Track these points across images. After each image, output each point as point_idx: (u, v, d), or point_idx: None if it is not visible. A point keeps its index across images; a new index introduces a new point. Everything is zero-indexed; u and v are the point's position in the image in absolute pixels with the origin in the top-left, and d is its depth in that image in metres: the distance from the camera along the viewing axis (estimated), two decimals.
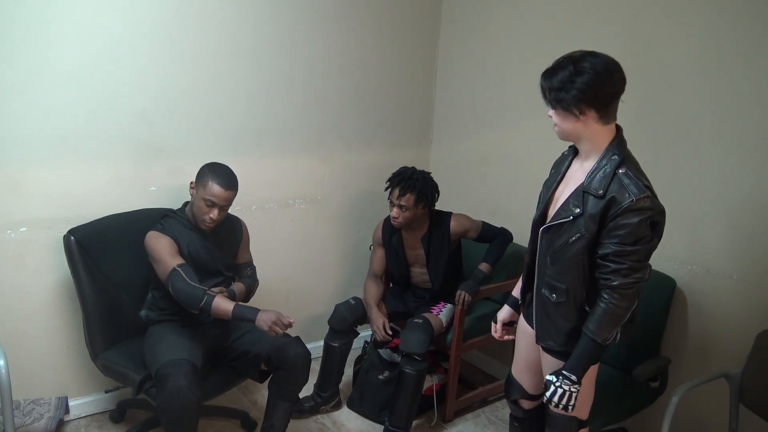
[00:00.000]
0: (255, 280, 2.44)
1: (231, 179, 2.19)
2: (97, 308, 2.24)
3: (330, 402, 2.73)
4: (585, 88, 1.50)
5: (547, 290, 1.69)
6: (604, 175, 1.55)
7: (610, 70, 1.54)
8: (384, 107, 3.16)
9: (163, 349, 2.05)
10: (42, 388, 2.41)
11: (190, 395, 1.90)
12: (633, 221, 1.50)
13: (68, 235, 2.21)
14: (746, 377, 1.99)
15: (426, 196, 2.56)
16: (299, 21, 2.75)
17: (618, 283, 1.53)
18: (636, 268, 1.53)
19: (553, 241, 1.65)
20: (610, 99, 1.55)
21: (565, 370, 1.62)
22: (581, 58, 1.54)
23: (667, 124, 2.31)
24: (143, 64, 2.39)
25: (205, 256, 2.24)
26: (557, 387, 1.62)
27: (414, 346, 2.43)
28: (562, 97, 1.53)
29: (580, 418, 1.77)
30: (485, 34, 3.01)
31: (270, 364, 2.19)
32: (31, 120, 2.20)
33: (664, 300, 2.25)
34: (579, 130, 1.58)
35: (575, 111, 1.54)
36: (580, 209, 1.57)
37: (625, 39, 2.40)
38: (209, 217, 2.15)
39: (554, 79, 1.55)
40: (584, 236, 1.56)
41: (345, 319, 2.65)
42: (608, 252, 1.53)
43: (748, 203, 2.11)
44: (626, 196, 1.50)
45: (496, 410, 2.82)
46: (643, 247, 1.53)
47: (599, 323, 1.57)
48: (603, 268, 1.56)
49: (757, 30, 2.04)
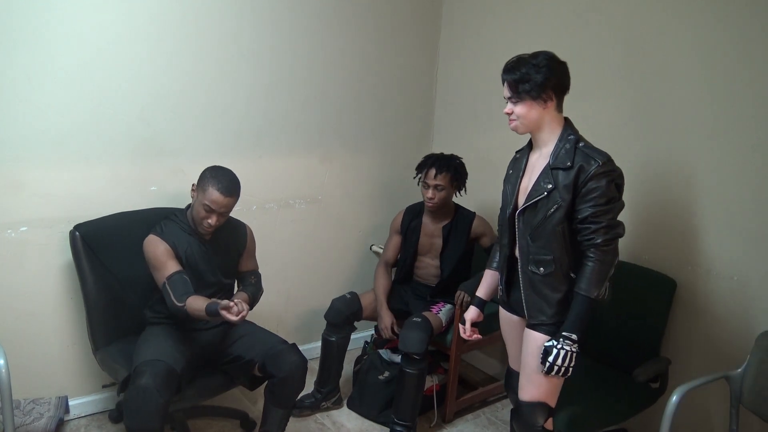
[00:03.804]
0: (259, 288, 2.39)
1: (232, 186, 2.14)
2: (100, 303, 2.25)
3: (330, 398, 2.73)
4: (550, 74, 1.72)
5: (533, 266, 1.80)
6: (567, 150, 1.73)
7: (561, 61, 1.77)
8: (384, 107, 3.16)
9: (146, 349, 2.03)
10: (42, 387, 2.41)
11: (156, 397, 1.84)
12: (602, 183, 1.67)
13: (74, 230, 2.23)
14: (746, 378, 1.99)
15: (461, 175, 2.65)
16: (299, 21, 2.76)
17: (600, 240, 1.68)
18: (612, 225, 1.70)
19: (529, 221, 1.79)
20: (567, 85, 1.78)
21: (564, 332, 1.73)
22: (535, 55, 1.76)
23: (666, 124, 2.30)
24: (143, 63, 2.39)
25: (203, 263, 2.21)
26: (559, 349, 1.72)
27: (413, 346, 2.43)
28: (532, 85, 1.72)
29: (550, 404, 1.84)
30: (485, 34, 3.02)
31: (264, 371, 2.16)
32: (31, 120, 2.20)
33: (665, 301, 2.25)
34: (542, 118, 1.77)
35: (543, 96, 1.73)
36: (552, 184, 1.73)
37: (625, 39, 2.40)
38: (207, 223, 2.12)
39: (519, 71, 1.74)
40: (562, 206, 1.72)
41: (340, 313, 2.67)
42: (587, 215, 1.69)
43: (750, 203, 2.10)
44: (592, 162, 1.69)
45: (497, 411, 2.81)
46: (615, 206, 1.71)
47: (589, 280, 1.70)
48: (584, 231, 1.71)
49: (757, 30, 2.03)
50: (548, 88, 1.73)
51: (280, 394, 2.16)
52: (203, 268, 2.21)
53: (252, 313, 2.41)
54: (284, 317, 3.08)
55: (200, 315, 1.97)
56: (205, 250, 2.22)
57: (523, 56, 1.77)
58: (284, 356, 2.13)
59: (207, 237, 2.22)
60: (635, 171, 2.38)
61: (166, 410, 1.89)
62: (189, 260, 2.17)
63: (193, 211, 2.17)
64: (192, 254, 2.18)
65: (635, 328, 2.29)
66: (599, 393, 2.20)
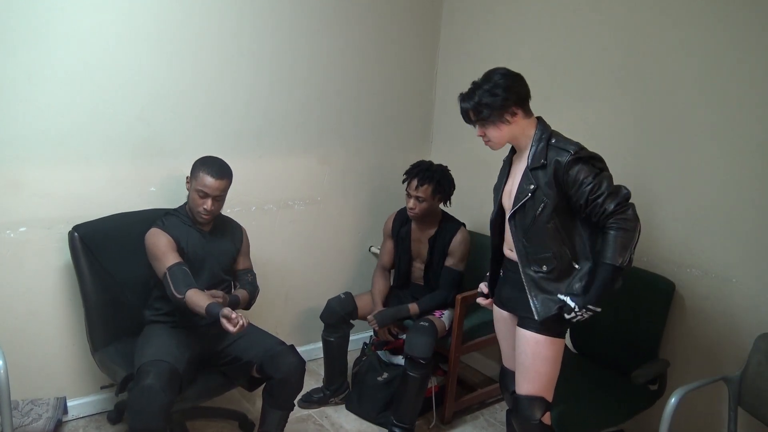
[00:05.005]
0: (255, 287, 2.42)
1: (222, 169, 2.21)
2: (99, 304, 2.25)
3: (339, 394, 2.76)
4: (507, 94, 1.75)
5: (536, 266, 1.82)
6: (541, 149, 1.78)
7: (515, 73, 1.80)
8: (384, 108, 3.16)
9: (149, 349, 2.04)
10: (40, 388, 2.41)
11: (161, 397, 1.86)
12: (581, 165, 1.72)
13: (72, 231, 2.23)
14: (745, 380, 1.99)
15: (443, 188, 2.60)
16: (299, 21, 2.76)
17: (613, 206, 1.69)
18: (615, 191, 1.71)
19: (521, 224, 1.82)
20: (527, 95, 1.81)
21: (589, 304, 1.73)
22: (488, 75, 1.80)
23: (666, 124, 2.30)
24: (143, 64, 2.39)
25: (204, 254, 2.25)
26: (578, 314, 1.74)
27: (420, 351, 2.42)
28: (491, 112, 1.76)
29: (547, 398, 1.87)
30: (485, 34, 3.02)
31: (263, 372, 2.16)
32: (31, 120, 2.20)
33: (663, 302, 2.25)
34: (513, 132, 1.82)
35: (507, 116, 1.77)
36: (534, 184, 1.77)
37: (625, 39, 2.41)
38: (203, 208, 2.18)
39: (475, 98, 1.78)
40: (548, 203, 1.75)
41: (335, 312, 2.68)
42: (586, 197, 1.71)
43: (748, 205, 2.11)
44: (564, 154, 1.73)
45: (495, 412, 2.81)
46: (605, 174, 1.74)
47: (613, 248, 1.69)
48: (594, 209, 1.72)
49: (757, 30, 2.04)
50: (510, 107, 1.77)
51: (278, 395, 2.16)
52: (204, 260, 2.25)
53: (251, 314, 2.41)
54: (283, 318, 3.08)
55: (198, 311, 1.99)
56: (206, 242, 2.26)
57: (475, 85, 1.81)
58: (282, 357, 2.14)
59: (206, 228, 2.27)
60: (634, 171, 2.38)
61: (170, 410, 1.90)
62: (190, 252, 2.21)
63: (189, 201, 2.23)
64: (193, 246, 2.23)
65: (634, 330, 2.29)
66: (598, 395, 2.21)
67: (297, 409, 2.61)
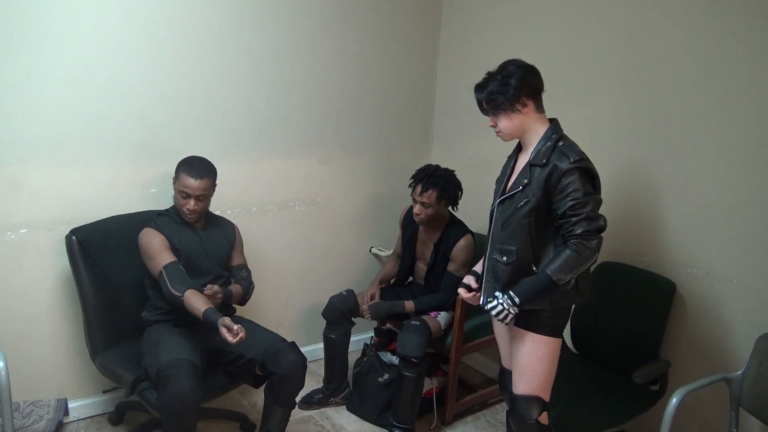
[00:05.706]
0: (250, 283, 2.43)
1: (203, 169, 2.24)
2: (98, 308, 2.25)
3: (339, 394, 2.76)
4: (520, 83, 1.77)
5: (498, 254, 1.86)
6: (546, 149, 1.79)
7: (530, 65, 1.82)
8: (384, 109, 3.16)
9: (164, 349, 2.05)
10: (41, 389, 2.41)
11: (193, 397, 1.91)
12: (575, 177, 1.73)
13: (70, 235, 2.23)
14: (746, 380, 1.98)
15: (449, 193, 2.58)
16: (299, 22, 2.76)
17: (582, 231, 1.71)
18: (593, 218, 1.73)
19: (504, 211, 1.87)
20: (540, 88, 1.83)
21: (512, 291, 1.79)
22: (503, 66, 1.82)
23: (666, 125, 2.30)
24: (143, 65, 2.39)
25: (198, 251, 2.28)
26: (499, 302, 1.80)
27: (411, 350, 2.42)
28: (503, 100, 1.78)
29: (543, 398, 1.88)
30: (485, 35, 3.02)
31: (265, 369, 2.17)
32: (31, 121, 2.20)
33: (664, 303, 2.25)
34: (524, 123, 1.83)
35: (518, 106, 1.79)
36: (528, 179, 1.80)
37: (625, 40, 2.40)
38: (187, 209, 2.22)
39: (488, 88, 1.81)
40: (530, 201, 1.78)
41: (336, 309, 2.69)
42: (566, 208, 1.73)
43: (749, 205, 2.10)
44: (564, 160, 1.74)
45: (496, 413, 2.81)
46: (592, 199, 1.74)
47: (560, 265, 1.74)
48: (566, 224, 1.74)
49: (758, 29, 2.03)
50: (521, 97, 1.78)
51: (279, 391, 2.18)
52: (198, 256, 2.28)
53: (251, 315, 2.41)
54: (284, 319, 3.08)
55: (196, 314, 2.01)
56: (199, 239, 2.29)
57: (489, 75, 1.84)
58: (283, 354, 2.15)
59: (198, 225, 2.31)
60: (634, 172, 2.38)
61: (200, 407, 1.96)
62: (184, 249, 2.24)
63: (175, 201, 2.27)
64: (187, 243, 2.26)
65: (635, 330, 2.29)
66: (598, 395, 2.20)
67: (298, 411, 2.61)
